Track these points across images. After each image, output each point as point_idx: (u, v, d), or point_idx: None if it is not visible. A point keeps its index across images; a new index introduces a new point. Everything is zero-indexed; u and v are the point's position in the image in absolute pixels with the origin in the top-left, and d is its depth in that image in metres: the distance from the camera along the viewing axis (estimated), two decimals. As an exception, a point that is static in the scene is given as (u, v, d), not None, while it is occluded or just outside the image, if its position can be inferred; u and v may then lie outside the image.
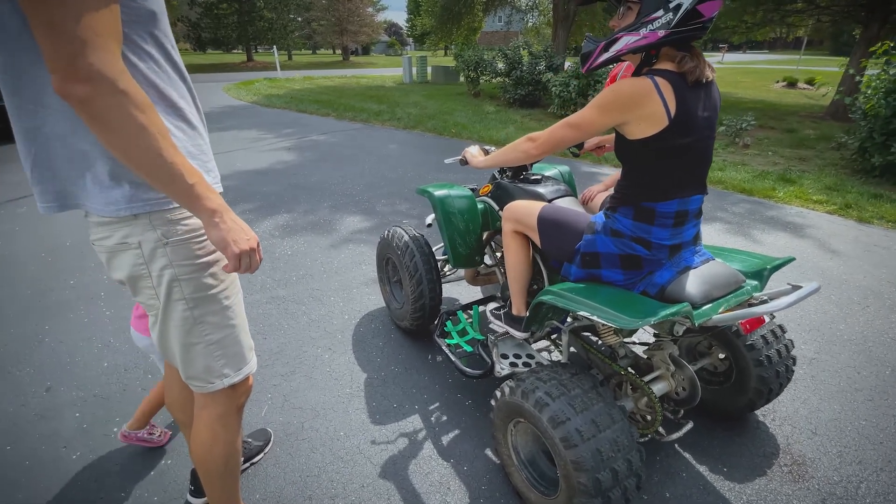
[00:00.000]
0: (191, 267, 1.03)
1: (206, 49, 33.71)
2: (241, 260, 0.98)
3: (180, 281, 1.02)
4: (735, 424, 1.87)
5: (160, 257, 0.99)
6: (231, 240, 0.95)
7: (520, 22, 19.79)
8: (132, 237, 0.97)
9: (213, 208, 0.93)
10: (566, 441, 1.25)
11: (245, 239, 0.98)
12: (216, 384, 1.15)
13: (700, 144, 1.27)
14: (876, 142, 5.23)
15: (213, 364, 1.13)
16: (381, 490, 1.60)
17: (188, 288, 1.03)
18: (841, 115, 8.81)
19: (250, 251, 0.99)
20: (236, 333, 1.15)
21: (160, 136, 0.83)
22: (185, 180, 0.88)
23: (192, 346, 1.09)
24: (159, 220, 0.98)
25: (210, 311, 1.08)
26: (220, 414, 1.21)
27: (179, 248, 1.01)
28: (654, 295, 1.34)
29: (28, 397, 2.00)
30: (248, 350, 1.21)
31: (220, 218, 0.94)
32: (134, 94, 0.79)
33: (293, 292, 2.88)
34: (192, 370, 1.13)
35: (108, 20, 0.76)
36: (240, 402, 1.25)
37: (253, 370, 1.23)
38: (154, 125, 0.82)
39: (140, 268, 1.00)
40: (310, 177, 5.42)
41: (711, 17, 1.17)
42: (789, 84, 16.13)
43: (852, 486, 1.62)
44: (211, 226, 0.94)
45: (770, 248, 3.61)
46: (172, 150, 0.85)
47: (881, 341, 2.45)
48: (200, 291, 1.05)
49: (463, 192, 2.13)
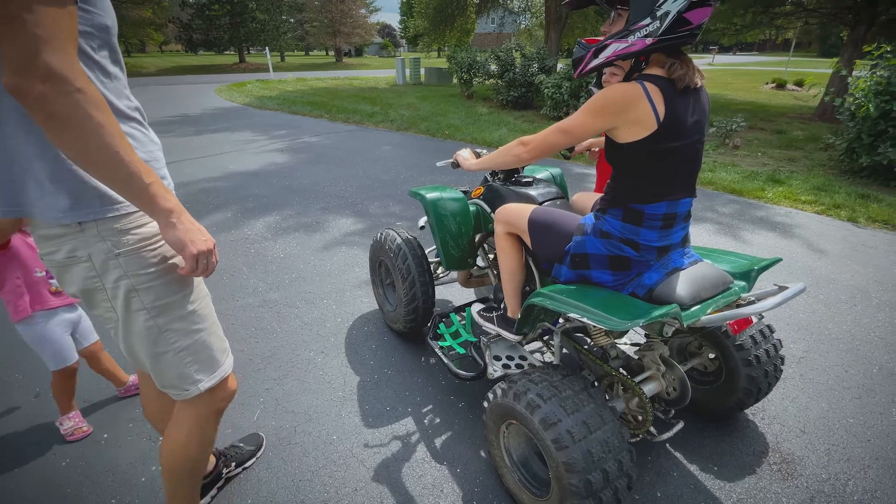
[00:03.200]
0: (148, 275, 1.01)
1: (197, 50, 33.58)
2: (198, 261, 0.97)
3: (138, 291, 1.00)
4: (725, 424, 1.89)
5: (113, 269, 0.97)
6: (188, 240, 0.94)
7: (512, 24, 19.87)
8: (80, 250, 0.94)
9: (169, 208, 0.92)
10: (557, 442, 1.26)
11: (202, 239, 0.97)
12: (191, 391, 1.13)
13: (689, 148, 1.28)
14: (864, 143, 5.31)
15: (185, 371, 1.11)
16: (374, 493, 1.60)
17: (148, 297, 1.01)
18: (829, 116, 8.92)
19: (207, 252, 0.98)
20: (205, 337, 1.13)
21: (117, 135, 0.83)
22: (141, 179, 0.87)
23: (161, 355, 1.07)
24: (107, 231, 0.95)
25: (175, 318, 1.06)
26: (197, 417, 1.19)
27: (133, 258, 0.98)
28: (642, 296, 1.36)
29: (17, 403, 1.97)
30: (221, 353, 1.19)
31: (178, 218, 0.93)
32: (91, 93, 0.79)
33: (285, 295, 2.87)
34: (164, 379, 1.11)
35: (66, 21, 0.77)
36: (219, 406, 1.23)
37: (228, 372, 1.21)
38: (111, 124, 0.82)
39: (93, 281, 0.98)
40: (302, 179, 5.41)
41: (700, 24, 1.18)
42: (778, 85, 16.31)
43: (840, 484, 1.65)
44: (167, 226, 0.93)
45: (759, 248, 3.65)
46: (129, 150, 0.85)
47: (869, 340, 2.49)
48: (162, 299, 1.03)
49: (455, 194, 2.13)
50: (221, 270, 3.16)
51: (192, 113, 10.36)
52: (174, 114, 10.17)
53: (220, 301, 2.78)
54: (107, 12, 0.90)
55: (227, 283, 3.01)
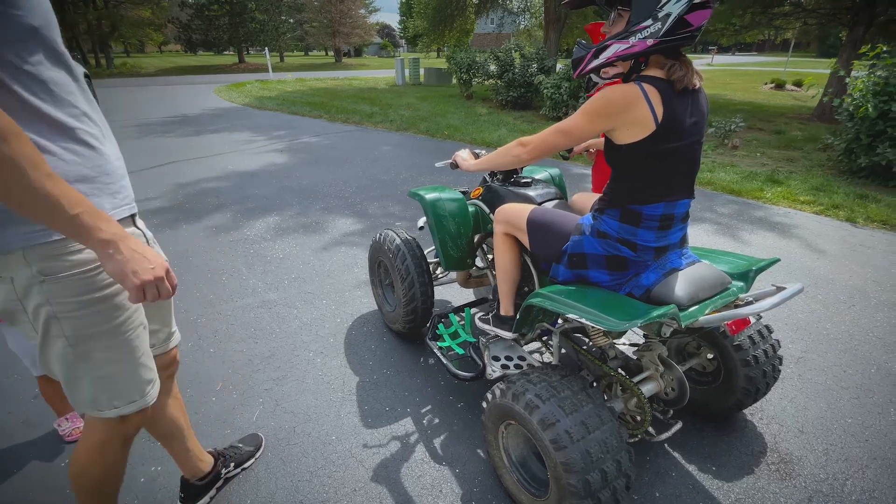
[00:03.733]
0: (75, 304, 0.95)
1: (196, 51, 33.60)
2: (144, 291, 0.90)
3: (60, 319, 0.95)
4: (723, 424, 1.89)
5: (35, 295, 0.92)
6: (129, 271, 0.87)
7: (512, 24, 19.87)
8: (4, 271, 0.90)
9: (105, 239, 0.85)
10: (556, 443, 1.26)
11: (148, 268, 0.90)
12: (104, 413, 1.07)
13: (687, 150, 1.29)
14: (862, 143, 5.32)
15: (99, 396, 1.05)
16: (373, 493, 1.60)
17: (68, 326, 0.96)
18: (828, 116, 8.93)
19: (155, 280, 0.91)
20: (131, 369, 1.07)
21: (30, 167, 0.76)
22: (65, 212, 0.80)
23: (76, 379, 1.02)
24: (35, 256, 0.89)
25: (98, 348, 1.01)
26: (101, 441, 1.14)
27: (59, 286, 0.92)
28: (639, 296, 1.36)
29: (15, 404, 1.97)
30: (147, 384, 1.12)
31: (115, 248, 0.86)
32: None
33: (284, 296, 2.88)
34: (75, 398, 1.05)
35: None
36: (127, 432, 1.17)
37: (148, 404, 1.13)
38: (21, 155, 0.75)
39: (14, 303, 0.93)
40: (301, 179, 5.41)
41: (700, 25, 1.19)
42: (777, 86, 16.34)
43: (838, 484, 1.65)
44: (105, 257, 0.87)
45: (758, 248, 3.65)
46: (48, 181, 0.78)
47: (867, 340, 2.49)
48: (86, 329, 0.98)
49: (454, 195, 2.13)
50: (220, 270, 3.17)
51: (192, 113, 10.36)
52: (173, 114, 10.17)
53: (219, 302, 2.79)
54: (33, 11, 0.83)
55: (227, 283, 3.01)
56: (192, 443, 1.51)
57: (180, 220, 4.10)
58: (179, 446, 1.47)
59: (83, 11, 23.57)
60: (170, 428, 1.42)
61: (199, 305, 2.75)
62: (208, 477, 1.55)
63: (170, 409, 1.40)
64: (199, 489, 1.54)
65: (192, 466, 1.52)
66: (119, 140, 1.10)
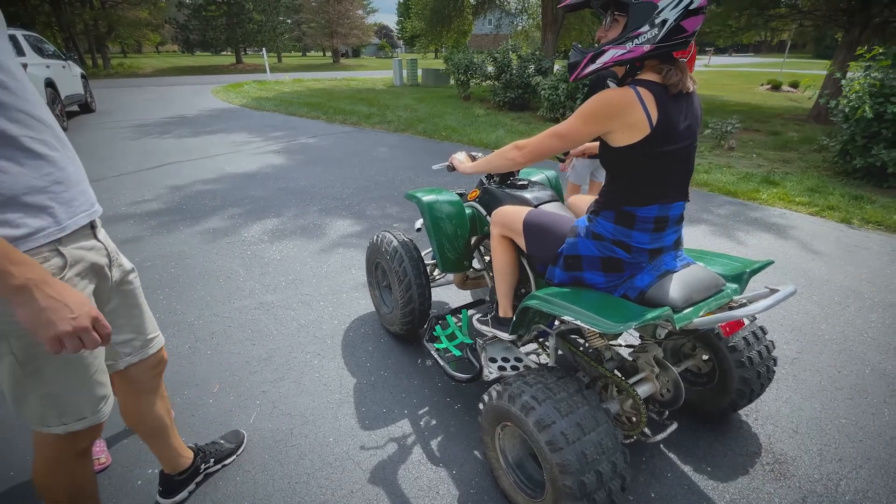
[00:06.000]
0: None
1: (194, 51, 33.52)
2: (62, 342, 0.82)
3: (8, 337, 0.90)
4: (719, 424, 1.91)
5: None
6: (43, 321, 0.79)
7: (509, 25, 19.89)
8: None
9: (15, 285, 0.76)
10: (551, 444, 1.27)
11: (67, 318, 0.81)
12: (52, 429, 1.03)
13: (681, 153, 1.30)
14: (857, 144, 5.35)
15: (47, 413, 1.01)
16: (370, 495, 1.60)
17: (18, 344, 0.91)
18: (824, 117, 8.97)
19: (76, 331, 0.82)
20: (82, 386, 1.02)
21: None
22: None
23: (24, 395, 0.98)
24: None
25: (49, 366, 0.96)
26: (55, 457, 1.09)
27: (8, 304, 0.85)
28: (633, 298, 1.37)
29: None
30: (100, 400, 1.07)
31: (28, 296, 0.78)
32: None
33: (282, 297, 2.88)
34: (23, 412, 1.01)
35: None
36: (79, 447, 1.11)
37: (100, 420, 1.08)
38: None
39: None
40: (299, 180, 5.41)
41: (694, 31, 1.20)
42: (774, 87, 16.41)
43: (832, 484, 1.66)
44: (17, 305, 0.78)
45: (754, 249, 3.67)
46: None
47: (861, 340, 2.51)
48: (35, 347, 0.92)
49: (451, 197, 2.14)
50: (218, 272, 3.17)
51: (189, 114, 10.34)
52: (170, 115, 10.15)
53: (215, 303, 2.79)
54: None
55: (224, 285, 3.01)
56: (175, 439, 1.52)
57: (177, 221, 4.10)
58: (163, 443, 1.48)
59: (80, 12, 23.48)
60: (155, 425, 1.43)
61: (195, 307, 2.75)
62: (187, 472, 1.57)
63: (156, 407, 1.41)
64: (178, 483, 1.55)
65: (174, 462, 1.53)
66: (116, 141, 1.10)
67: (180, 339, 2.44)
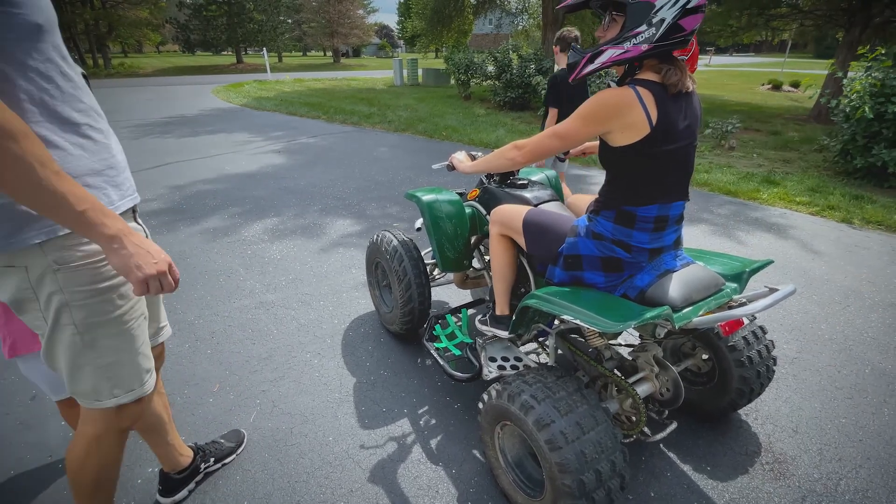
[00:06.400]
0: (85, 293, 0.99)
1: (194, 51, 33.50)
2: (147, 284, 0.94)
3: (70, 307, 0.98)
4: (718, 424, 1.91)
5: (49, 283, 0.95)
6: (133, 265, 0.91)
7: (510, 25, 19.89)
8: (18, 261, 0.93)
9: (110, 234, 0.89)
10: (551, 443, 1.27)
11: (151, 263, 0.94)
12: (104, 402, 1.10)
13: (681, 152, 1.30)
14: (858, 144, 5.35)
15: (101, 385, 1.09)
16: (370, 494, 1.61)
17: (79, 314, 0.99)
18: (824, 117, 8.97)
19: (158, 274, 0.95)
20: (132, 357, 1.11)
21: (38, 165, 0.79)
22: (72, 209, 0.83)
23: (81, 367, 1.05)
24: (52, 246, 0.93)
25: (104, 335, 1.04)
26: (98, 434, 1.16)
27: (73, 274, 0.96)
28: (633, 298, 1.37)
29: (13, 406, 1.97)
30: (145, 373, 1.16)
31: (119, 244, 0.90)
32: (3, 123, 0.76)
33: (282, 297, 2.88)
34: (77, 387, 1.08)
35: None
36: (123, 425, 1.19)
37: (146, 392, 1.18)
38: (29, 153, 0.78)
39: (27, 291, 0.96)
40: (299, 180, 5.41)
41: (693, 29, 1.20)
42: (774, 87, 16.40)
43: (832, 483, 1.66)
44: (110, 252, 0.90)
45: (754, 249, 3.67)
46: (55, 178, 0.82)
47: (861, 340, 2.51)
48: (94, 317, 1.02)
49: (451, 196, 2.14)
50: (218, 272, 3.17)
51: (189, 114, 10.35)
52: (171, 115, 10.16)
53: (216, 303, 2.79)
54: (36, 10, 0.84)
55: (224, 284, 3.01)
56: (174, 437, 1.53)
57: (178, 221, 4.10)
58: (161, 440, 1.49)
59: (80, 11, 23.50)
60: (153, 422, 1.44)
61: (196, 306, 2.75)
62: (187, 471, 1.57)
63: (154, 403, 1.42)
64: (178, 482, 1.56)
65: (173, 460, 1.54)
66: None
67: (180, 338, 2.45)
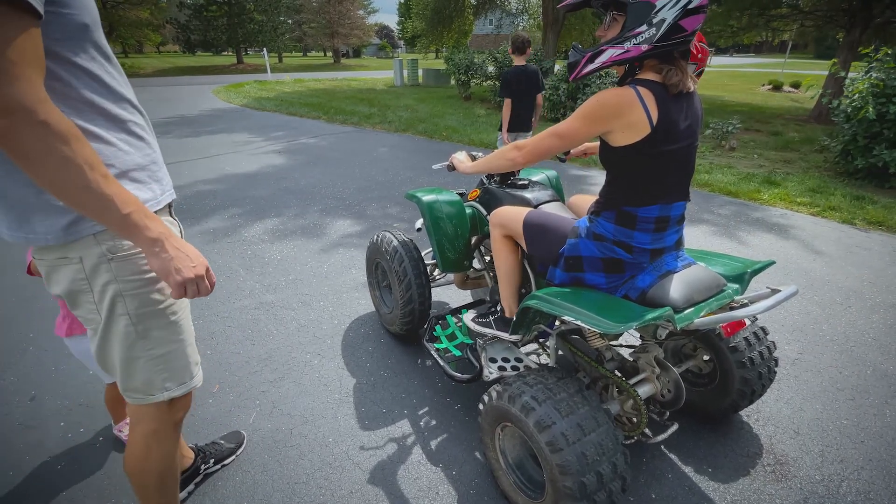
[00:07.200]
0: (137, 282, 1.00)
1: (195, 51, 33.49)
2: (185, 287, 0.95)
3: (124, 296, 1.00)
4: (720, 425, 1.90)
5: (104, 273, 0.97)
6: (172, 268, 0.93)
7: (510, 25, 19.89)
8: (73, 252, 0.94)
9: (152, 238, 0.90)
10: (552, 445, 1.27)
11: (189, 266, 0.95)
12: (157, 396, 1.12)
13: (682, 152, 1.29)
14: (859, 145, 5.34)
15: (154, 378, 1.10)
16: (370, 496, 1.60)
17: (133, 303, 1.01)
18: (825, 118, 8.97)
19: (196, 278, 0.96)
20: (182, 348, 1.13)
21: (87, 168, 0.80)
22: (118, 211, 0.84)
23: (135, 359, 1.07)
24: (106, 236, 0.95)
25: (155, 326, 1.06)
26: (154, 429, 1.17)
27: (125, 264, 0.98)
28: (635, 299, 1.36)
29: (12, 406, 1.97)
30: (195, 365, 1.18)
31: (161, 247, 0.91)
32: (56, 125, 0.75)
33: (282, 297, 2.87)
34: (131, 382, 1.10)
35: (27, 47, 0.72)
36: (177, 417, 1.22)
37: (197, 385, 1.20)
38: (80, 156, 0.79)
39: (81, 283, 0.97)
40: (299, 180, 5.41)
41: (694, 30, 1.20)
42: (775, 87, 16.40)
43: (834, 485, 1.65)
44: (151, 255, 0.92)
45: (755, 249, 3.66)
46: (102, 181, 0.82)
47: (863, 341, 2.50)
48: (146, 307, 1.03)
49: (451, 197, 2.14)
50: (218, 272, 3.16)
51: (190, 114, 10.35)
52: (171, 115, 10.16)
53: (216, 303, 2.78)
54: (83, 9, 0.85)
55: (224, 285, 3.01)
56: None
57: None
58: None
59: (81, 12, 23.52)
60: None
61: (196, 307, 2.74)
62: (187, 472, 1.57)
63: None
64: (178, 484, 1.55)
65: None
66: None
67: (180, 338, 2.44)
